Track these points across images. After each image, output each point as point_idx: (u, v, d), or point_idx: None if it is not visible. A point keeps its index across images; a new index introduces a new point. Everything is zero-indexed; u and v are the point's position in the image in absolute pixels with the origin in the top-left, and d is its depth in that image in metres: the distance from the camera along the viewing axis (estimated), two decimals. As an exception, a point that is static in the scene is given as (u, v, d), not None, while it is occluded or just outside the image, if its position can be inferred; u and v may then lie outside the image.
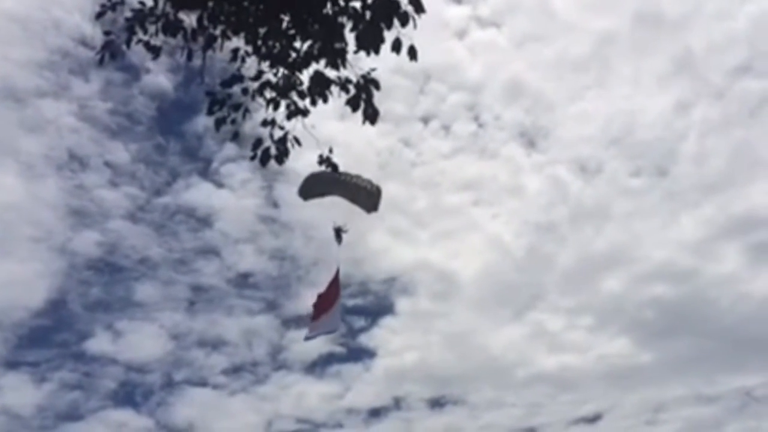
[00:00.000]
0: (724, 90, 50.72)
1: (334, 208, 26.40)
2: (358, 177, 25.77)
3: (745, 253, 49.80)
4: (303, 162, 8.91)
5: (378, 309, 56.13)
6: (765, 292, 47.24)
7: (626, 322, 50.34)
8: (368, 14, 7.19)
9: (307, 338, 26.63)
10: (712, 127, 51.36)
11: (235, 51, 7.80)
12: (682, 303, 48.72)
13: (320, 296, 26.52)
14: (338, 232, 26.82)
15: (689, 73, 53.73)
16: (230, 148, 50.08)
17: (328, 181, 24.88)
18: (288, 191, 55.30)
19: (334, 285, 26.47)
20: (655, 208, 52.03)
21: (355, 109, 7.84)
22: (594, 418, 47.25)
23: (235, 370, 49.71)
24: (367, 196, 25.89)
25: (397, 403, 48.16)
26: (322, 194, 26.06)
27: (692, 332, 48.76)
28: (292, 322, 52.16)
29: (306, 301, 52.27)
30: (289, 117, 7.99)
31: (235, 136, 8.15)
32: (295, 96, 7.92)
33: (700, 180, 50.63)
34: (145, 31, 7.57)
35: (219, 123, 7.98)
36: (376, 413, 48.25)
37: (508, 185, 50.45)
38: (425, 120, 53.52)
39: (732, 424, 45.94)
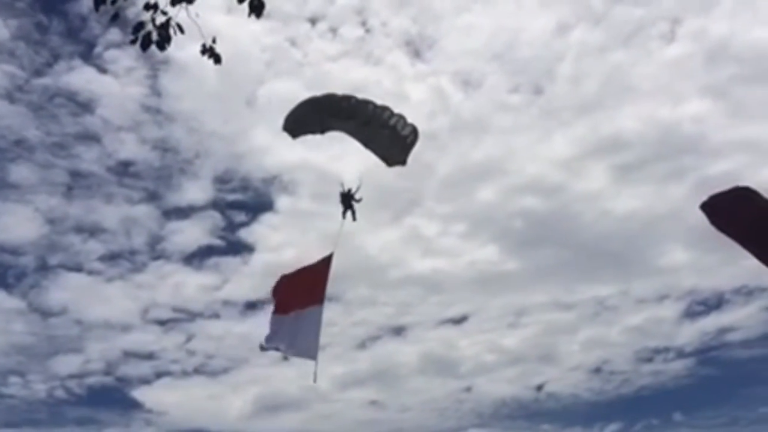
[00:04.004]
0: (602, 15, 52.39)
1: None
2: (383, 109, 17.59)
3: (610, 173, 52.86)
4: (187, 53, 8.83)
5: (258, 205, 56.30)
6: (624, 210, 50.61)
7: (496, 231, 52.76)
8: None
9: (264, 348, 18.37)
10: (589, 50, 53.15)
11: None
12: (549, 215, 51.40)
13: (289, 279, 18.78)
14: (347, 200, 19.02)
15: (571, -4, 55.04)
16: (115, 33, 47.98)
17: (335, 111, 17.55)
18: (172, 81, 53.64)
19: (318, 273, 18.30)
20: (531, 125, 53.93)
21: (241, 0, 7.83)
22: (460, 320, 50.00)
23: (112, 258, 49.17)
24: (396, 143, 17.97)
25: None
26: (321, 129, 18.14)
27: (556, 244, 51.84)
28: (172, 213, 51.65)
29: (187, 192, 52.31)
30: (173, 3, 7.85)
31: (115, 18, 7.95)
32: (180, -19, 7.78)
33: (574, 100, 52.68)
34: None
35: (98, 2, 7.75)
36: (252, 306, 49.09)
37: (391, 92, 50.50)
38: (313, 21, 52.55)
39: (585, 330, 49.85)
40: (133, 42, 7.87)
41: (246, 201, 52.53)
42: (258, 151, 54.00)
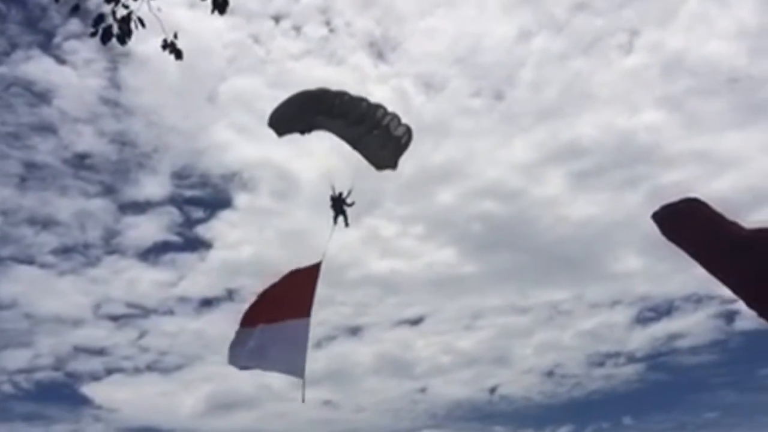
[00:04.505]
0: (564, 24, 53.14)
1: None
2: (377, 107, 16.48)
3: (568, 179, 53.61)
4: (148, 46, 8.71)
5: (217, 202, 55.81)
6: (581, 216, 51.36)
7: (454, 234, 53.12)
8: None
9: (243, 367, 16.52)
10: (550, 58, 53.88)
11: None
12: (507, 220, 51.93)
13: (270, 292, 16.52)
14: (339, 204, 17.37)
15: (533, 4, 55.82)
16: (75, 24, 47.28)
17: (326, 107, 16.10)
18: (132, 74, 52.96)
19: (304, 283, 16.21)
20: (491, 129, 54.50)
21: (204, -4, 7.78)
22: (417, 321, 50.22)
23: (65, 251, 48.35)
24: (389, 144, 16.74)
25: (230, 295, 48.76)
26: (308, 128, 16.68)
27: (513, 248, 52.37)
28: (128, 207, 50.90)
29: (145, 187, 51.58)
30: (135, -4, 7.80)
31: (75, 9, 7.85)
32: (142, -25, 7.72)
33: (534, 107, 53.34)
34: None
35: (58, -7, 7.68)
36: (208, 303, 48.75)
37: (354, 93, 50.66)
38: (277, 18, 52.43)
39: (539, 333, 50.50)
40: (93, 35, 7.77)
41: (204, 197, 52.11)
42: (218, 147, 53.59)
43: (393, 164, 17.51)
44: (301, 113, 16.29)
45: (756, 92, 50.47)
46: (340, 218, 17.27)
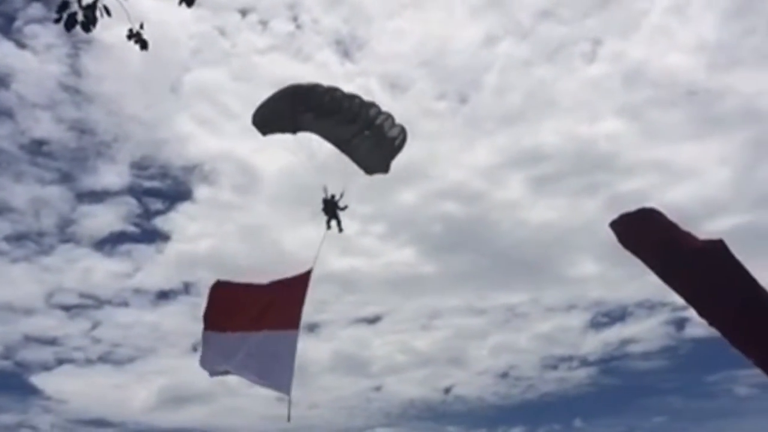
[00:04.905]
0: (529, 30, 53.63)
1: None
2: (370, 105, 15.27)
3: (528, 184, 54.19)
4: (112, 33, 8.59)
5: (176, 194, 55.17)
6: (539, 220, 51.91)
7: (415, 234, 53.22)
8: None
9: (215, 373, 15.22)
10: (514, 63, 54.32)
11: None
12: (467, 222, 52.20)
13: (241, 292, 15.43)
14: (332, 208, 16.71)
15: (500, 9, 56.14)
16: (37, 8, 46.35)
17: (315, 105, 14.78)
18: (94, 62, 51.87)
19: (292, 292, 15.26)
20: (455, 132, 54.60)
21: (172, -13, 7.71)
22: (374, 319, 50.21)
23: (18, 238, 47.34)
24: (382, 145, 15.57)
25: (187, 288, 48.25)
26: (294, 128, 15.27)
27: (472, 250, 52.73)
28: (85, 196, 50.08)
29: (103, 176, 50.81)
30: (101, -17, 7.69)
31: (39, -6, 7.73)
32: (109, -37, 7.62)
33: (498, 111, 53.72)
34: None
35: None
36: (164, 295, 48.15)
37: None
38: (243, 12, 51.82)
39: (495, 335, 50.91)
40: (57, 21, 7.65)
41: (164, 189, 51.43)
42: (179, 138, 53.01)
43: (385, 168, 16.37)
44: (288, 111, 14.97)
45: (713, 105, 51.61)
46: (334, 223, 16.69)
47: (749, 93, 47.14)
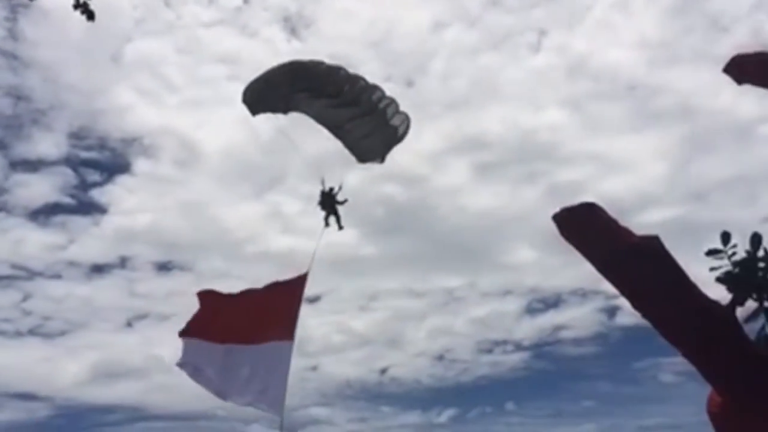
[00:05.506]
0: (476, 18, 54.19)
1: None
2: (374, 88, 14.25)
3: (470, 170, 54.90)
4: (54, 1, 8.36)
5: (115, 166, 54.30)
6: (480, 206, 52.72)
7: (357, 216, 53.01)
8: None
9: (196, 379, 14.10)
10: (461, 50, 54.87)
11: None
12: (409, 205, 52.71)
13: (229, 299, 14.36)
14: (330, 202, 15.89)
15: (449, -4, 56.32)
16: (-27, -30, 44.36)
17: (314, 84, 13.72)
18: (33, 27, 50.52)
19: (286, 298, 13.86)
20: (401, 115, 54.66)
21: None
22: (314, 299, 50.20)
23: (-53, 206, 45.76)
24: (383, 132, 14.69)
25: (123, 262, 47.58)
26: (286, 108, 14.30)
27: (413, 233, 53.29)
28: (19, 164, 48.64)
29: (38, 145, 49.33)
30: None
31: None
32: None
33: (443, 97, 54.31)
34: None
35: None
36: (99, 269, 47.44)
37: (264, 67, 49.90)
38: (190, -16, 50.76)
39: (432, 318, 51.82)
40: (-1, -14, 7.41)
41: (102, 160, 50.54)
42: (119, 109, 52.05)
43: (381, 157, 15.34)
44: (286, 88, 13.83)
45: (651, 100, 53.11)
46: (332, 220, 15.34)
47: (686, 90, 48.77)
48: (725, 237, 5.39)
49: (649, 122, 53.74)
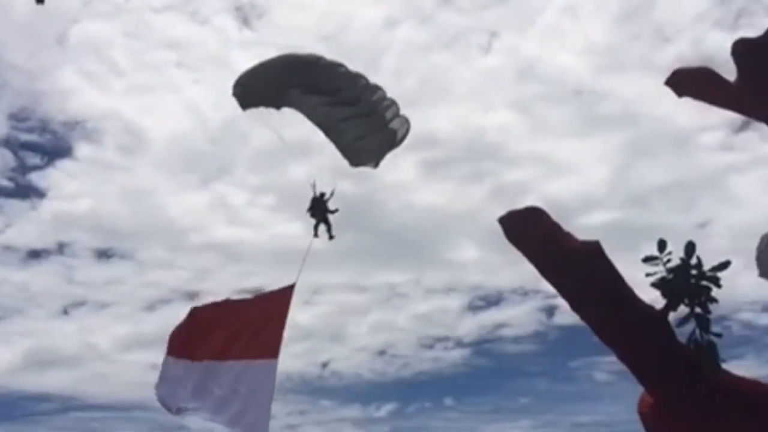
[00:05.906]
0: (428, 16, 54.39)
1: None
2: (376, 88, 13.47)
3: (418, 167, 55.03)
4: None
5: (56, 150, 52.67)
6: (426, 203, 52.91)
7: (304, 208, 53.19)
8: None
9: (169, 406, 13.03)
10: (412, 48, 54.91)
11: None
12: (356, 200, 52.26)
13: (210, 312, 13.27)
14: (321, 209, 15.20)
15: (403, -7, 56.54)
16: None
17: (312, 80, 12.89)
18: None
19: (271, 313, 13.19)
20: (350, 111, 54.79)
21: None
22: (256, 291, 49.83)
23: None
24: (380, 135, 13.83)
25: (61, 248, 46.32)
26: (279, 104, 13.34)
27: (359, 228, 53.06)
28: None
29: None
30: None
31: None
32: None
33: (393, 93, 54.00)
34: None
35: None
36: (36, 255, 46.06)
37: (214, 55, 49.28)
38: (142, -31, 49.89)
39: (375, 313, 51.64)
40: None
41: (42, 143, 48.98)
42: (62, 92, 50.44)
43: (375, 161, 14.65)
44: (283, 83, 13.00)
45: (597, 105, 54.00)
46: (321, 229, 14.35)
47: (630, 96, 49.60)
48: (661, 244, 5.62)
49: (593, 127, 54.74)
